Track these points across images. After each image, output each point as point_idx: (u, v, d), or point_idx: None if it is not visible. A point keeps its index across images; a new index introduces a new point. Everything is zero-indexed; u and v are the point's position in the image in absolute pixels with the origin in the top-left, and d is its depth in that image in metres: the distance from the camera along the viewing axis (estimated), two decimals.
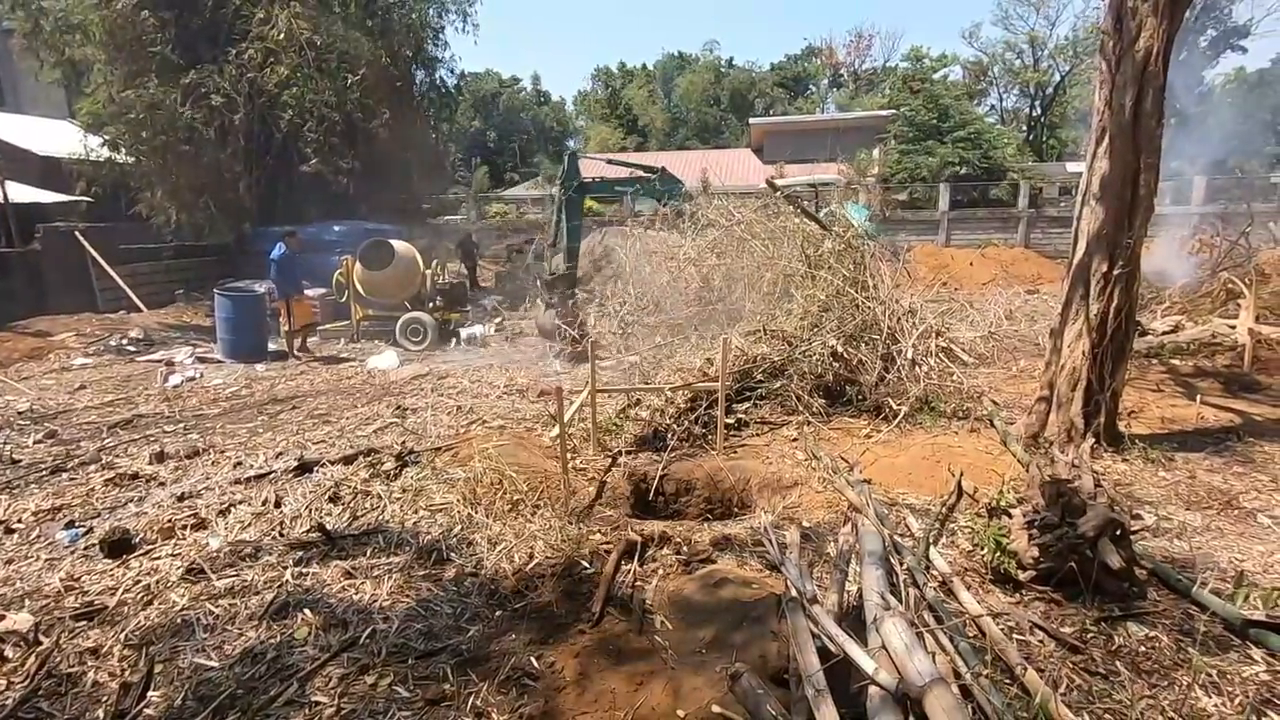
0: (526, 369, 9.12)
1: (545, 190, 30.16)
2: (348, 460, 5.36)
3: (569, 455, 5.56)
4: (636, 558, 3.81)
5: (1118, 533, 3.19)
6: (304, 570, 3.75)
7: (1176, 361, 8.45)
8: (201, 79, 13.24)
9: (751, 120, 38.14)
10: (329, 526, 4.23)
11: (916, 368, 6.48)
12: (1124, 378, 5.48)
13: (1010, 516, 3.56)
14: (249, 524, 4.35)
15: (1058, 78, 42.31)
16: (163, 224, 14.65)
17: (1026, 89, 44.86)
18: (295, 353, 10.08)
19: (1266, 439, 5.55)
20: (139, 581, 3.65)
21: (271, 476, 5.09)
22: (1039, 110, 44.12)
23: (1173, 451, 5.27)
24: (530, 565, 3.76)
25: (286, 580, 3.63)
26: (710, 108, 52.66)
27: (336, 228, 13.61)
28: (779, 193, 8.87)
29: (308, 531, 4.20)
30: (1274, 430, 5.81)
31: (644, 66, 58.22)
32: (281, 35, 12.93)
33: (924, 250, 20.96)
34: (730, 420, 6.12)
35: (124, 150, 14.09)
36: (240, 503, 4.67)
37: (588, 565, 3.68)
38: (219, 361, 9.74)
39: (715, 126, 51.78)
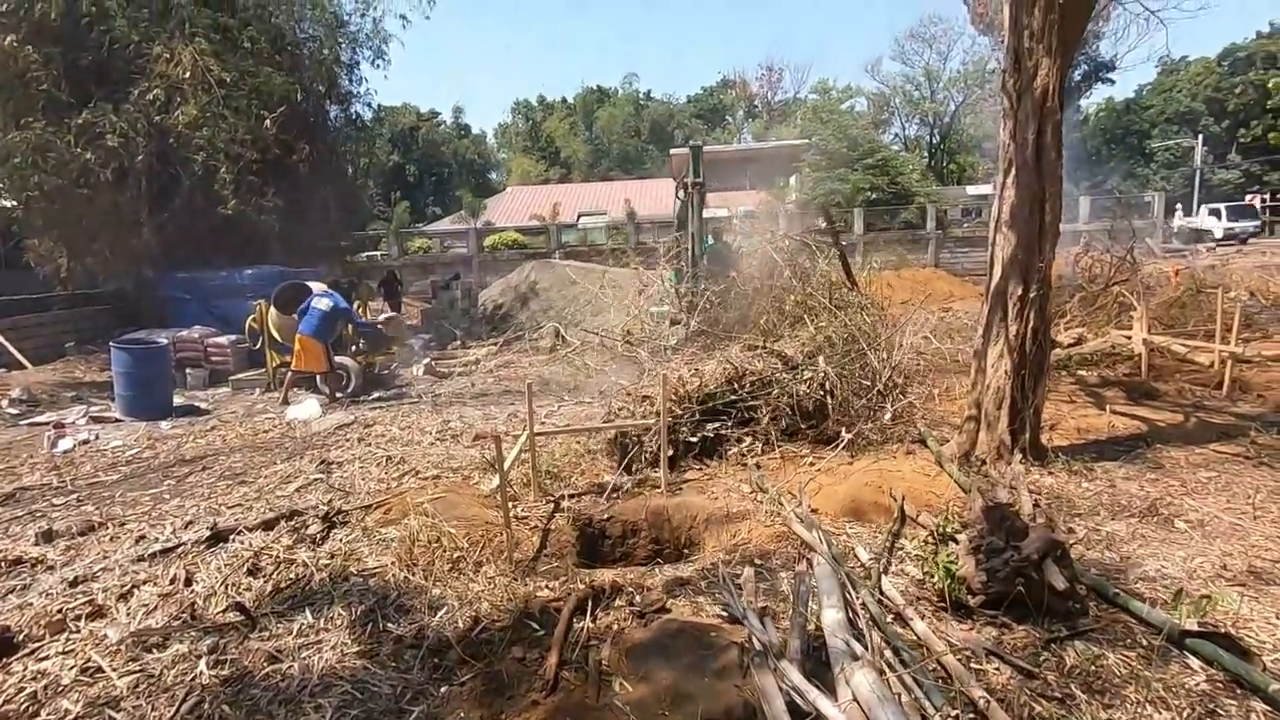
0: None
1: (469, 224, 29.78)
2: (268, 525, 4.96)
3: (509, 504, 5.37)
4: (589, 612, 3.65)
5: (1059, 553, 3.27)
6: (221, 657, 3.39)
7: (1084, 372, 8.99)
8: (96, 119, 12.38)
9: (672, 151, 39.01)
10: (249, 603, 3.87)
11: (894, 420, 6.52)
12: (1044, 394, 5.75)
13: (956, 542, 3.62)
14: (155, 607, 3.92)
15: (953, 107, 45.38)
16: (52, 274, 13.53)
17: (926, 118, 47.95)
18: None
19: (1171, 444, 5.92)
20: (23, 689, 3.20)
21: (180, 550, 4.63)
22: (938, 138, 47.14)
23: (1092, 462, 5.53)
24: (476, 630, 3.53)
25: (201, 672, 3.26)
26: (631, 139, 53.70)
27: (248, 271, 12.92)
28: (832, 225, 9.15)
29: (224, 611, 3.82)
30: (1176, 435, 6.21)
31: (564, 100, 58.88)
32: (187, 74, 12.27)
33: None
34: (694, 439, 6.07)
35: (7, 197, 12.98)
36: (145, 583, 4.21)
37: (537, 626, 3.49)
38: (117, 421, 8.96)
39: (637, 157, 52.76)
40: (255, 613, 3.78)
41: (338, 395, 9.64)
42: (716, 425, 6.28)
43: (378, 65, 17.42)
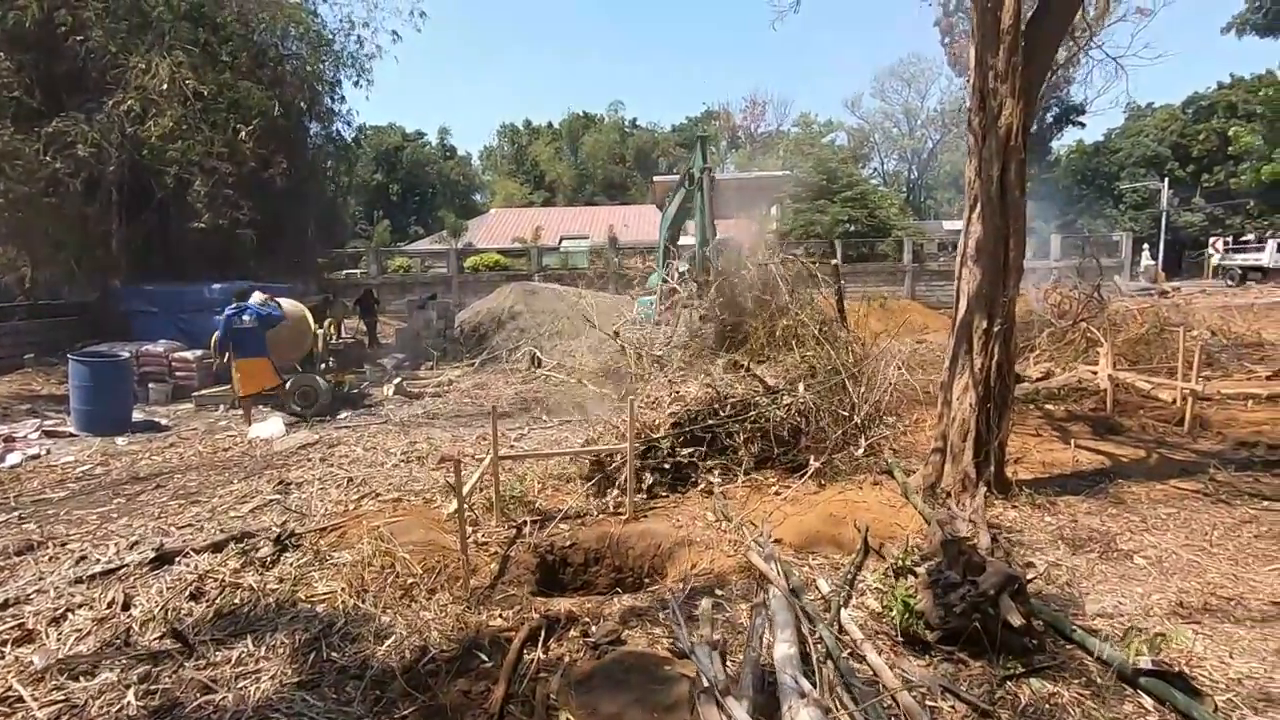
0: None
1: (449, 245, 29.72)
2: (216, 547, 4.79)
3: (469, 529, 5.25)
4: (541, 643, 3.55)
5: (1016, 589, 3.25)
6: (152, 687, 3.24)
7: (1051, 407, 9.08)
8: (67, 127, 12.20)
9: (655, 178, 39.37)
10: (188, 629, 3.72)
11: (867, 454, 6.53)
12: (1009, 427, 5.79)
13: (915, 575, 3.58)
14: (88, 632, 3.75)
15: (930, 144, 46.52)
16: (15, 283, 13.21)
17: (904, 154, 49.05)
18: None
19: (1133, 480, 5.98)
20: None
21: (121, 572, 4.46)
22: (916, 174, 48.20)
23: (1055, 496, 5.56)
24: (423, 661, 3.41)
25: (128, 702, 3.11)
26: (616, 165, 54.17)
27: (216, 286, 12.68)
28: (834, 260, 9.27)
29: (160, 637, 3.66)
30: (1138, 471, 6.27)
31: (550, 125, 59.36)
32: (164, 85, 12.17)
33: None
34: (666, 465, 6.01)
35: None
36: (80, 606, 4.04)
37: (485, 657, 3.38)
38: (71, 435, 8.68)
39: (621, 183, 53.16)
40: (193, 640, 3.62)
41: (294, 408, 9.48)
42: (691, 451, 6.24)
43: (359, 85, 17.48)
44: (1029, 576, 4.25)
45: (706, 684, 2.45)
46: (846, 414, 6.76)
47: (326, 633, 3.68)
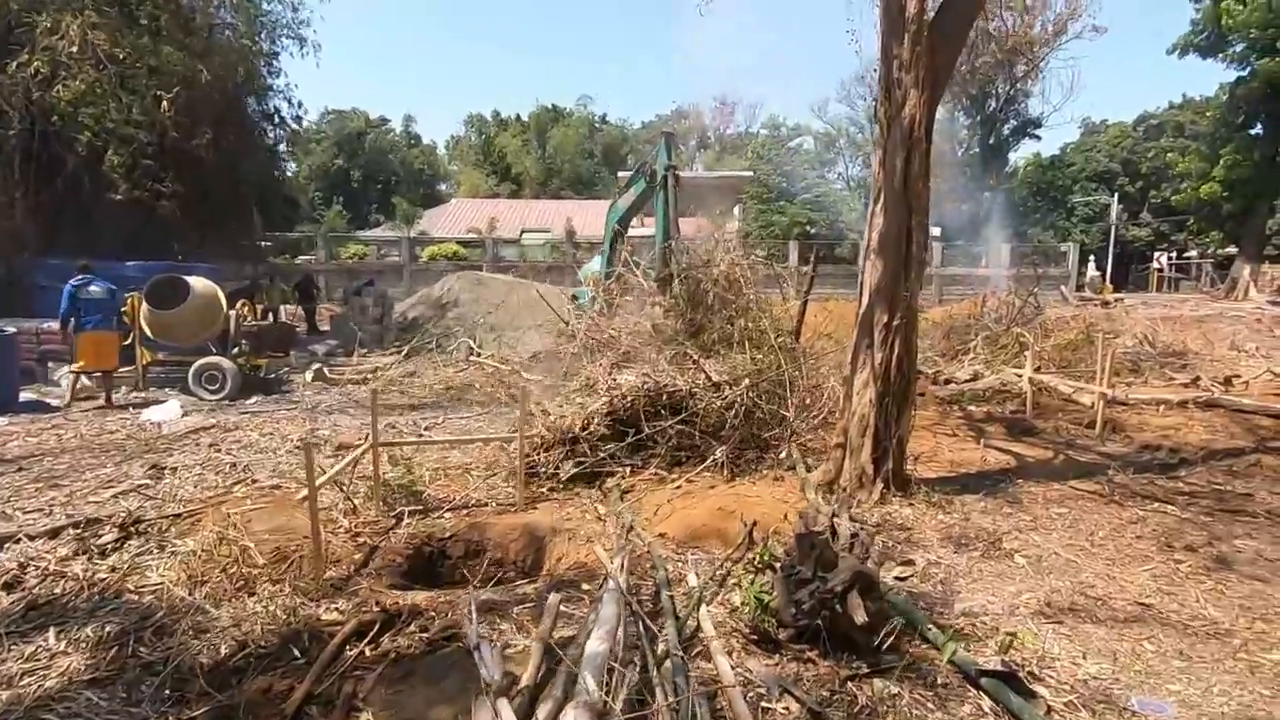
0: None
1: (401, 233, 29.09)
2: (54, 533, 4.44)
3: (345, 519, 4.97)
4: (372, 638, 3.30)
5: (866, 585, 3.11)
6: None
7: (973, 408, 9.11)
8: None
9: (620, 174, 39.05)
10: None
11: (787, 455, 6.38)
12: (910, 424, 5.70)
13: (775, 571, 3.43)
14: None
15: None
16: None
17: (868, 160, 49.45)
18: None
19: (1034, 480, 5.95)
20: None
21: None
22: None
23: (954, 494, 5.48)
24: (236, 657, 3.14)
25: None
26: (584, 160, 53.71)
27: (131, 263, 12.00)
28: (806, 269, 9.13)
29: None
30: (1041, 471, 6.26)
31: (518, 117, 58.57)
32: (74, 47, 11.47)
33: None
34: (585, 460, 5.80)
35: None
36: None
37: (299, 654, 3.12)
38: None
39: (589, 179, 52.69)
40: None
41: (206, 397, 9.02)
42: (614, 446, 6.02)
43: (304, 55, 16.77)
44: (905, 574, 4.16)
45: (486, 683, 2.25)
46: (782, 416, 6.62)
47: (140, 626, 3.39)
